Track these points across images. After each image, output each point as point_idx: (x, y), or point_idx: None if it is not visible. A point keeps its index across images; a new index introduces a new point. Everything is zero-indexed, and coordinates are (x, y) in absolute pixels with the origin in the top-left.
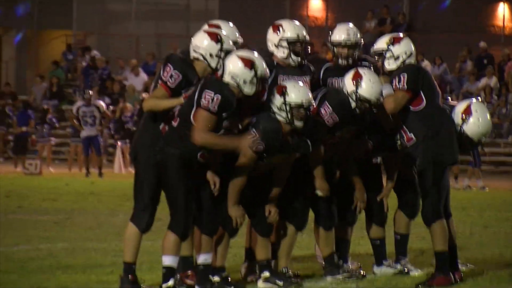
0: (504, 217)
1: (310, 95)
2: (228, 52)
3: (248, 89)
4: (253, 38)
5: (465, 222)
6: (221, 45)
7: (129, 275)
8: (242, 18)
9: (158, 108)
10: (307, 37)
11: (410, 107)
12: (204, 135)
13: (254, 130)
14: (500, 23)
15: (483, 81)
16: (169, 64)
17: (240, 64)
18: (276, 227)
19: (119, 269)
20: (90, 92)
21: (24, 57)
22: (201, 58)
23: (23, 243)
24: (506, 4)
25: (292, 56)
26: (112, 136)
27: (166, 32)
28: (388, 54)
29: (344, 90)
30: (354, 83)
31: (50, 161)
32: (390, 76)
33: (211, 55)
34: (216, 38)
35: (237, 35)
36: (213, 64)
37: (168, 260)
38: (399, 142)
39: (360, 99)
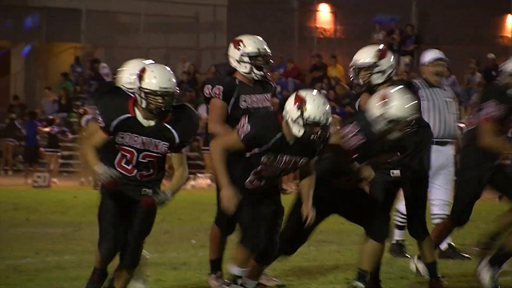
0: None
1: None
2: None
3: (295, 130)
4: None
5: None
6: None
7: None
8: (250, 30)
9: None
10: (269, 51)
11: None
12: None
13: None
14: (509, 35)
15: None
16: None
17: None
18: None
19: None
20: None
21: (33, 69)
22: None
23: (31, 256)
24: None
25: (255, 70)
26: None
27: (174, 44)
28: (376, 69)
29: None
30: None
31: (56, 172)
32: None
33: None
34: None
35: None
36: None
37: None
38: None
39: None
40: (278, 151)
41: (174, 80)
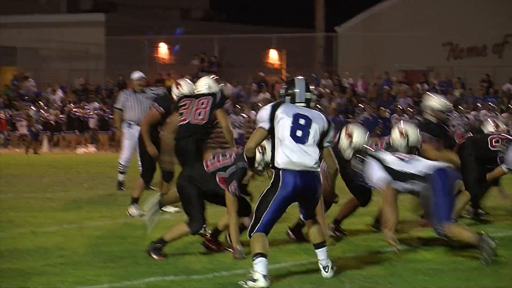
0: None
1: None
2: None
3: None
4: None
5: None
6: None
7: None
8: (125, 58)
9: None
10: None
11: None
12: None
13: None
14: (271, 61)
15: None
16: None
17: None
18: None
19: None
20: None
21: None
22: None
23: None
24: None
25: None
26: None
27: (75, 67)
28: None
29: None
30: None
31: None
32: None
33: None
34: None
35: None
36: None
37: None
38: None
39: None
40: None
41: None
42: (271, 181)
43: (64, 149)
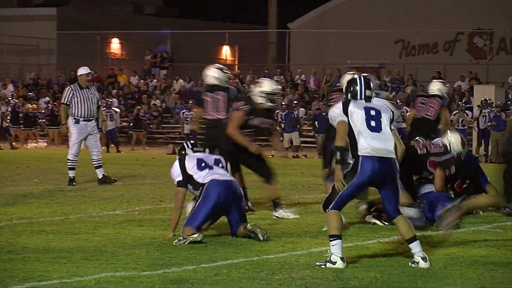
0: None
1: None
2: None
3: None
4: None
5: None
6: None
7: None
8: (77, 54)
9: None
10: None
11: None
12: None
13: None
14: (224, 57)
15: None
16: None
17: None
18: None
19: None
20: None
21: None
22: None
23: None
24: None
25: None
26: None
27: (28, 62)
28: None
29: None
30: None
31: None
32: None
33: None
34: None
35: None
36: None
37: None
38: None
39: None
40: None
41: None
42: (350, 167)
43: (15, 144)
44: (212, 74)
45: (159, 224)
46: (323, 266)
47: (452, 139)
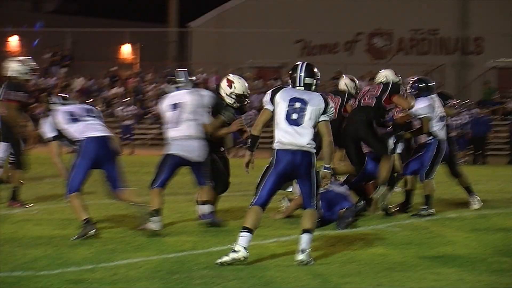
0: None
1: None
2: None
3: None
4: None
5: None
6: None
7: None
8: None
9: None
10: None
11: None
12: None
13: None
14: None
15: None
16: None
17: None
18: None
19: None
20: None
21: None
22: None
23: None
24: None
25: None
26: None
27: None
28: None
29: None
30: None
31: None
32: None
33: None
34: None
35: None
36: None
37: None
38: None
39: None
40: None
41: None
42: (270, 160)
43: None
44: (13, 67)
45: (57, 223)
46: (225, 258)
47: None
